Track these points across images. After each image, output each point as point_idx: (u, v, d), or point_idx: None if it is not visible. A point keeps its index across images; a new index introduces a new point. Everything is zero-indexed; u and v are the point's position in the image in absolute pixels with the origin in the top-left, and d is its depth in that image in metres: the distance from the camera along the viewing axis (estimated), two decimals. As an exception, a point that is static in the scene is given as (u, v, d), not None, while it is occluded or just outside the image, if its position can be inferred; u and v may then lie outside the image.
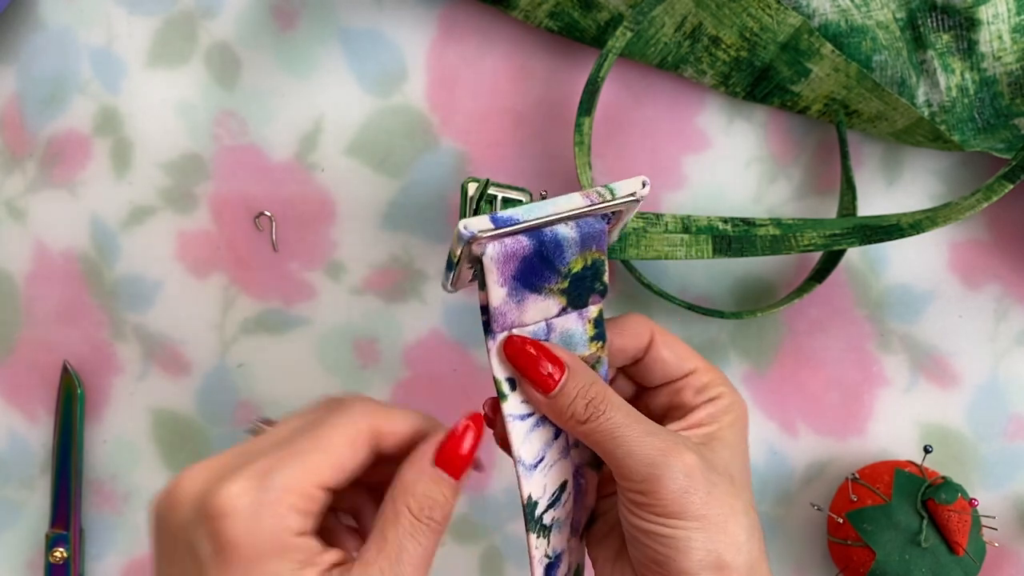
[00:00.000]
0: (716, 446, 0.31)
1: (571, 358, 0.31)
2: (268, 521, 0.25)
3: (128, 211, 0.47)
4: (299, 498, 0.26)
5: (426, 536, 0.28)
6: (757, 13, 0.43)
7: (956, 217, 0.38)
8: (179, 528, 0.26)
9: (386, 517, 0.28)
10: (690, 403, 0.32)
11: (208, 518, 0.25)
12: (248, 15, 0.47)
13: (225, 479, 0.26)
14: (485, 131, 0.46)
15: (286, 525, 0.26)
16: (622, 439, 0.29)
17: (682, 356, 0.33)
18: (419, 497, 0.28)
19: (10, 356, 0.48)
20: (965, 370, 0.45)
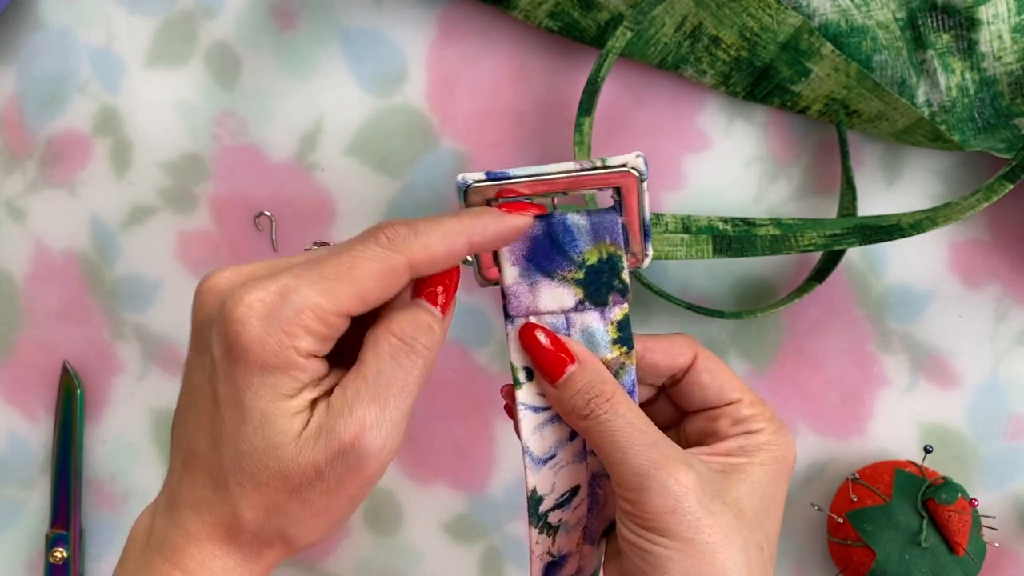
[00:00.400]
0: (735, 478, 0.30)
1: (585, 353, 0.30)
2: (278, 336, 0.26)
3: (128, 211, 0.47)
4: (313, 320, 0.26)
5: (408, 358, 0.27)
6: (757, 13, 0.43)
7: (956, 217, 0.38)
8: (202, 322, 0.28)
9: (366, 344, 0.28)
10: (723, 432, 0.31)
11: (224, 320, 0.26)
12: (248, 15, 0.47)
13: (248, 286, 0.26)
14: (485, 131, 0.46)
15: (295, 344, 0.26)
16: (619, 443, 0.29)
17: (725, 385, 0.32)
18: (401, 322, 0.28)
19: (10, 356, 0.48)
20: (965, 370, 0.45)
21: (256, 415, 0.26)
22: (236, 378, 0.26)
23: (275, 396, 0.26)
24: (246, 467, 0.26)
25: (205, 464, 0.27)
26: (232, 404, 0.26)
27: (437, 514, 0.47)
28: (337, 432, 0.26)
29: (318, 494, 0.27)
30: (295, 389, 0.26)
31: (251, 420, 0.26)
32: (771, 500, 0.30)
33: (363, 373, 0.27)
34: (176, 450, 0.29)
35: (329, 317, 0.26)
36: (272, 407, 0.26)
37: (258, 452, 0.26)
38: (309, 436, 0.26)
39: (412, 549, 0.47)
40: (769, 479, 0.30)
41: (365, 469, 0.27)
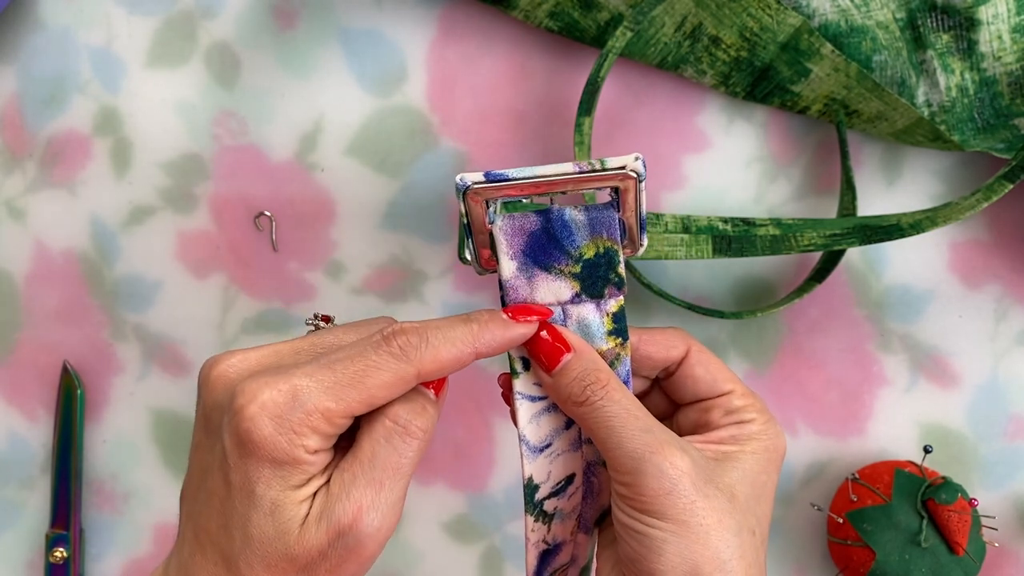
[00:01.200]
0: (728, 465, 0.30)
1: (581, 343, 0.31)
2: (288, 436, 0.27)
3: (128, 211, 0.47)
4: (322, 422, 0.27)
5: (402, 441, 0.29)
6: (757, 13, 0.43)
7: (956, 217, 0.38)
8: (211, 407, 0.29)
9: (363, 428, 0.29)
10: (716, 422, 0.32)
11: (235, 415, 0.27)
12: (248, 15, 0.47)
13: (261, 382, 0.28)
14: (485, 131, 0.46)
15: (303, 443, 0.27)
16: (615, 428, 0.29)
17: (717, 377, 0.33)
18: (395, 406, 0.29)
19: (10, 356, 0.48)
20: (965, 370, 0.45)
21: (267, 504, 0.28)
22: (247, 469, 0.27)
23: (285, 487, 0.28)
24: (256, 550, 0.28)
25: (216, 542, 0.28)
26: (243, 492, 0.28)
27: (437, 514, 0.47)
28: (337, 516, 0.28)
29: (323, 573, 0.28)
30: (303, 480, 0.28)
31: (262, 507, 0.28)
32: (762, 487, 0.31)
33: (359, 457, 0.28)
34: (187, 522, 0.30)
35: (336, 419, 0.28)
36: (282, 496, 0.28)
37: (268, 537, 0.28)
38: (312, 521, 0.28)
39: (412, 549, 0.47)
40: (760, 467, 0.31)
41: (363, 549, 0.28)
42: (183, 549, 0.30)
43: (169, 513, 0.48)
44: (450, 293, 0.46)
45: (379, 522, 0.28)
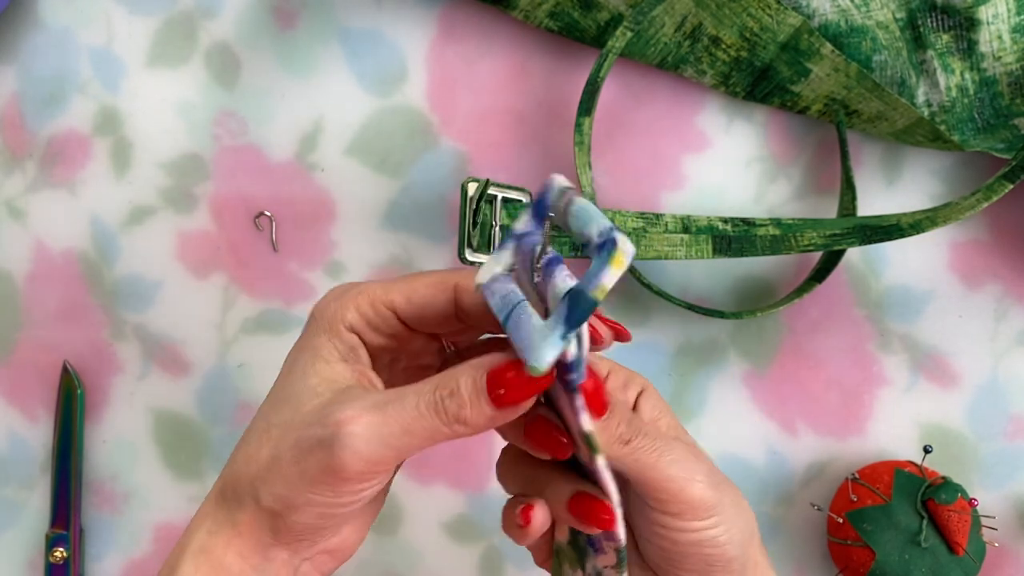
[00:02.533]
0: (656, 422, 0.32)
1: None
2: (334, 306, 0.30)
3: (128, 211, 0.47)
4: (366, 302, 0.29)
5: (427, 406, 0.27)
6: (757, 13, 0.43)
7: (956, 217, 0.38)
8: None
9: (462, 368, 0.27)
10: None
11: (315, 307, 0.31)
12: (248, 15, 0.47)
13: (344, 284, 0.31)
14: (485, 131, 0.46)
15: (343, 315, 0.29)
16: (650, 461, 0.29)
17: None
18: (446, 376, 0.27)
19: (10, 356, 0.48)
20: (965, 370, 0.45)
21: (299, 367, 0.29)
22: (301, 339, 0.30)
23: (315, 357, 0.29)
24: (270, 416, 0.29)
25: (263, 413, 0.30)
26: (288, 359, 0.30)
27: (437, 514, 0.47)
28: (336, 408, 0.27)
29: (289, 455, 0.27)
30: (333, 356, 0.29)
31: (293, 372, 0.29)
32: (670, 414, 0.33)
33: (394, 393, 0.27)
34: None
35: (378, 304, 0.30)
36: (310, 367, 0.29)
37: (283, 398, 0.29)
38: (320, 395, 0.28)
39: (412, 549, 0.47)
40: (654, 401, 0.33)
41: (330, 455, 0.26)
42: None
43: (169, 513, 0.48)
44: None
45: (363, 444, 0.26)
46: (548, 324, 0.25)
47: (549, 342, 0.25)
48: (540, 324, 0.25)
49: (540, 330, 0.25)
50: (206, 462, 0.48)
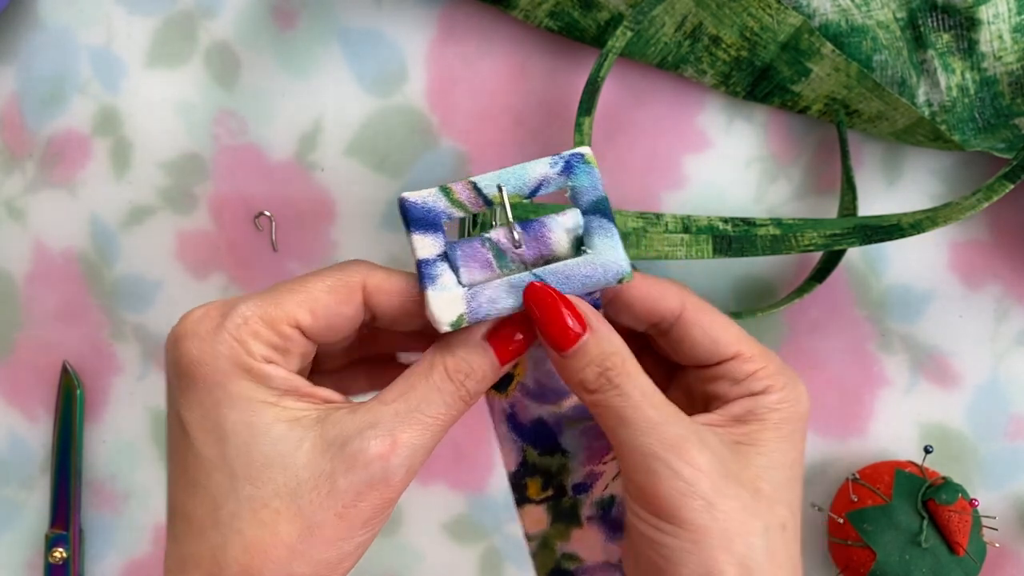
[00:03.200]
0: (750, 452, 0.27)
1: (598, 320, 0.27)
2: (227, 343, 0.24)
3: (128, 211, 0.47)
4: (263, 327, 0.25)
5: (452, 398, 0.26)
6: (757, 13, 0.43)
7: (957, 217, 0.38)
8: (165, 364, 0.27)
9: (418, 368, 0.26)
10: (725, 395, 0.28)
11: (171, 345, 0.25)
12: (248, 15, 0.47)
13: (192, 309, 0.26)
14: (485, 131, 0.46)
15: (247, 349, 0.24)
16: (629, 421, 0.26)
17: (719, 339, 0.28)
18: (457, 358, 0.26)
19: (10, 356, 0.48)
20: (965, 370, 0.45)
21: (239, 430, 0.24)
22: (201, 399, 0.24)
23: (252, 406, 0.24)
24: (240, 491, 0.23)
25: (184, 513, 0.24)
26: (204, 427, 0.24)
27: (437, 514, 0.47)
28: (366, 441, 0.24)
29: (331, 515, 0.24)
30: (272, 396, 0.25)
31: (234, 437, 0.24)
32: (791, 469, 0.28)
33: (408, 397, 0.25)
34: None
35: (278, 325, 0.25)
36: (256, 418, 0.24)
37: (255, 468, 0.24)
38: (327, 445, 0.24)
39: (412, 549, 0.47)
40: (786, 445, 0.28)
41: (387, 489, 0.25)
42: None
43: (169, 513, 0.48)
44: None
45: (411, 462, 0.25)
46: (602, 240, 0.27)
47: (618, 248, 0.27)
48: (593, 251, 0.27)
49: (603, 250, 0.27)
50: (206, 462, 0.47)
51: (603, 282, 0.27)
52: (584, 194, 0.27)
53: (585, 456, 0.30)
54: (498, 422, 0.30)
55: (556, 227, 0.27)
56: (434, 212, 0.27)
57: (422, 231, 0.27)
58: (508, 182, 0.27)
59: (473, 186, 0.27)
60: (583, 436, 0.30)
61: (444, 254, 0.27)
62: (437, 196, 0.27)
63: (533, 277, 0.26)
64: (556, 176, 0.27)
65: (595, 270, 0.26)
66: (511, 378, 0.29)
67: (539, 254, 0.27)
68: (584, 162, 0.27)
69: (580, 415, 0.30)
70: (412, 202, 0.27)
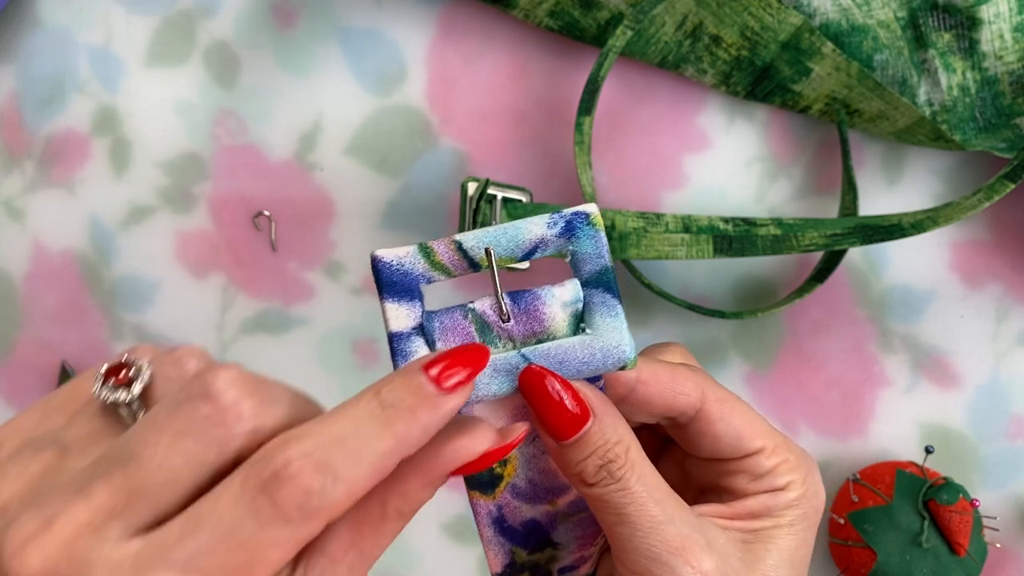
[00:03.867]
0: (760, 550, 0.25)
1: (600, 402, 0.25)
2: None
3: (127, 211, 0.47)
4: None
5: (399, 530, 0.23)
6: (758, 12, 0.43)
7: (957, 217, 0.38)
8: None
9: (370, 517, 0.22)
10: (742, 490, 0.26)
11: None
12: (247, 14, 0.47)
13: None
14: (485, 131, 0.46)
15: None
16: (630, 520, 0.24)
17: (744, 434, 0.26)
18: (413, 502, 0.22)
19: (8, 356, 0.48)
20: (966, 370, 0.45)
21: None
22: None
23: None
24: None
25: None
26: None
27: (437, 515, 0.47)
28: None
29: None
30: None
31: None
32: (800, 565, 0.26)
33: (362, 548, 0.22)
34: None
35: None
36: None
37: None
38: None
39: (411, 550, 0.47)
40: (799, 541, 0.26)
41: None
42: None
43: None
44: (450, 294, 0.46)
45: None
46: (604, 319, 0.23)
47: (622, 330, 0.23)
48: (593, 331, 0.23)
49: (604, 331, 0.23)
50: (205, 463, 0.47)
51: (602, 368, 0.24)
52: (586, 262, 0.24)
53: (576, 545, 0.28)
54: (483, 526, 0.27)
55: (551, 300, 0.24)
56: (411, 276, 0.23)
57: (396, 299, 0.23)
58: (499, 243, 0.24)
59: (458, 246, 0.24)
60: (577, 527, 0.27)
61: (420, 326, 0.24)
62: (415, 257, 0.23)
63: (521, 359, 0.23)
64: (555, 238, 0.24)
65: (593, 355, 0.24)
66: (499, 479, 0.26)
67: (530, 331, 0.24)
68: (588, 224, 0.24)
69: (575, 510, 0.27)
70: (386, 263, 0.23)
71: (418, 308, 0.24)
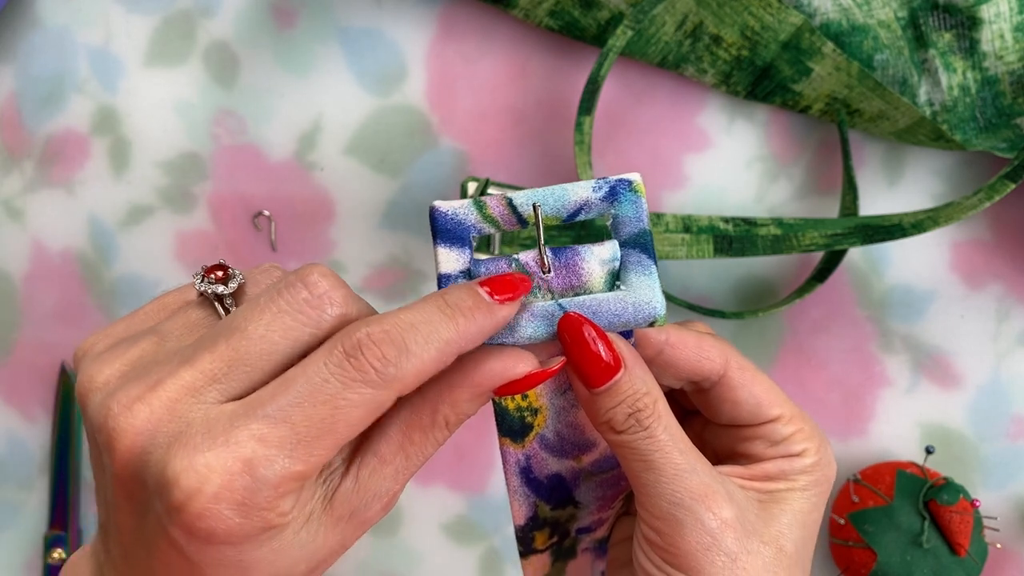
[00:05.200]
0: (775, 510, 0.27)
1: (632, 356, 0.26)
2: (259, 515, 0.22)
3: (126, 211, 0.47)
4: (293, 485, 0.22)
5: (446, 439, 0.25)
6: (758, 12, 0.43)
7: (958, 217, 0.38)
8: (129, 476, 0.23)
9: (420, 421, 0.24)
10: (760, 455, 0.28)
11: (181, 511, 0.21)
12: (247, 14, 0.47)
13: (199, 458, 0.21)
14: (485, 131, 0.46)
15: (278, 510, 0.22)
16: (655, 466, 0.25)
17: (762, 400, 0.28)
18: (461, 414, 0.25)
19: (8, 357, 0.48)
20: (967, 370, 0.45)
21: (265, 557, 0.23)
22: (222, 555, 0.22)
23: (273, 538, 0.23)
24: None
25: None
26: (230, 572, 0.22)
27: (436, 515, 0.47)
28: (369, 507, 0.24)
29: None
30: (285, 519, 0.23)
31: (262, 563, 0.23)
32: (812, 528, 0.27)
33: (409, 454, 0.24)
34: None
35: (309, 476, 0.23)
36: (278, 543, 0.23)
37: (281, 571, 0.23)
38: (335, 521, 0.24)
39: (412, 550, 0.47)
40: (812, 505, 0.27)
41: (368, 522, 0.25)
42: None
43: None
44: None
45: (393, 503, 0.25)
46: (639, 277, 0.25)
47: (655, 288, 0.25)
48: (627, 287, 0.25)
49: (638, 287, 0.25)
50: (205, 463, 0.47)
51: (632, 323, 0.25)
52: (626, 225, 0.26)
53: (596, 507, 0.29)
54: (511, 474, 0.29)
55: (590, 257, 0.25)
56: (464, 226, 0.25)
57: (448, 244, 0.25)
58: (546, 202, 0.25)
59: (509, 202, 0.25)
60: (598, 488, 0.29)
61: (467, 271, 0.25)
62: (469, 209, 0.25)
63: (558, 308, 0.25)
64: (599, 202, 0.26)
65: (626, 308, 0.25)
66: (529, 428, 0.27)
67: (568, 284, 0.25)
68: (631, 190, 0.26)
69: (599, 469, 0.28)
70: (442, 212, 0.25)
71: (467, 254, 0.26)
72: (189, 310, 0.26)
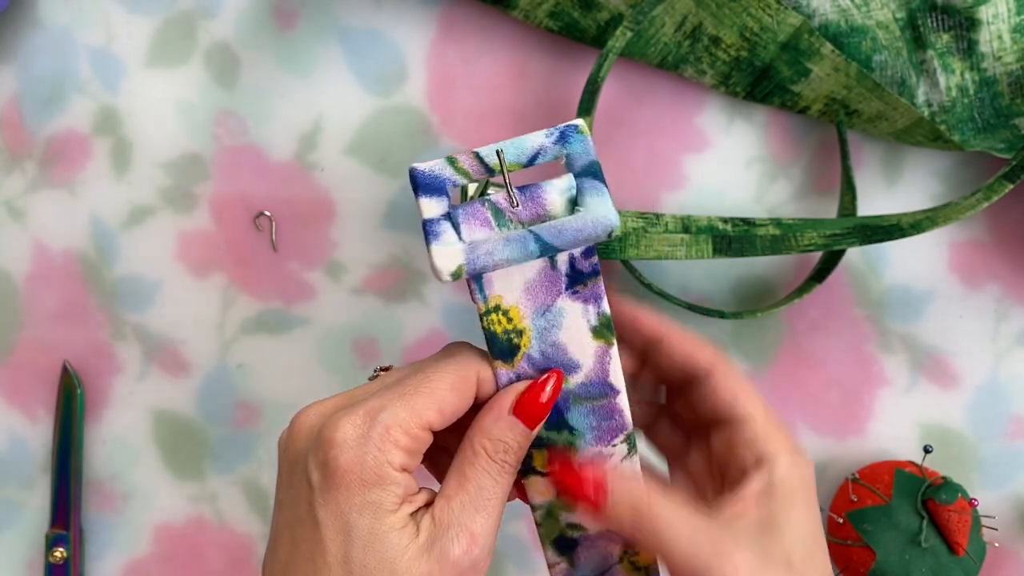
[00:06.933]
0: (774, 533, 0.29)
1: (618, 482, 0.30)
2: (372, 454, 0.27)
3: (128, 211, 0.47)
4: (403, 435, 0.27)
5: (500, 475, 0.29)
6: (757, 13, 0.43)
7: (956, 217, 0.38)
8: (296, 456, 0.29)
9: (465, 456, 0.29)
10: (743, 461, 0.31)
11: (320, 448, 0.27)
12: (248, 15, 0.47)
13: (340, 415, 0.28)
14: (485, 131, 0.46)
15: (388, 459, 0.27)
16: (666, 541, 0.28)
17: (740, 396, 0.32)
18: (494, 440, 0.29)
19: (10, 356, 0.48)
20: (965, 370, 0.45)
21: (364, 533, 0.27)
22: (338, 500, 0.27)
23: (379, 512, 0.27)
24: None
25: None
26: (335, 527, 0.27)
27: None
28: (449, 542, 0.27)
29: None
30: (395, 504, 0.27)
31: (359, 539, 0.27)
32: (813, 535, 0.30)
33: (466, 487, 0.29)
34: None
35: (414, 430, 0.28)
36: (378, 524, 0.27)
37: (369, 570, 0.27)
38: (421, 549, 0.27)
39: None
40: (803, 513, 0.30)
41: (477, 573, 0.28)
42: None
43: (169, 513, 0.48)
44: (450, 294, 0.46)
45: (489, 548, 0.28)
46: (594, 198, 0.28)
47: (608, 204, 0.28)
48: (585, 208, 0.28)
49: (593, 206, 0.28)
50: (206, 462, 0.48)
51: (593, 236, 0.28)
52: (577, 159, 0.29)
53: (593, 437, 0.31)
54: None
55: (551, 188, 0.29)
56: (440, 179, 0.29)
57: (428, 195, 0.29)
58: (507, 151, 0.29)
59: (476, 155, 0.29)
60: (591, 415, 0.31)
61: (447, 215, 0.29)
62: (443, 165, 0.29)
63: (529, 233, 0.28)
64: (552, 145, 0.29)
65: (586, 224, 0.28)
66: (516, 348, 0.30)
67: (535, 214, 0.29)
68: (578, 132, 0.30)
69: (588, 393, 0.31)
70: (421, 171, 0.29)
71: (445, 202, 0.29)
72: None
